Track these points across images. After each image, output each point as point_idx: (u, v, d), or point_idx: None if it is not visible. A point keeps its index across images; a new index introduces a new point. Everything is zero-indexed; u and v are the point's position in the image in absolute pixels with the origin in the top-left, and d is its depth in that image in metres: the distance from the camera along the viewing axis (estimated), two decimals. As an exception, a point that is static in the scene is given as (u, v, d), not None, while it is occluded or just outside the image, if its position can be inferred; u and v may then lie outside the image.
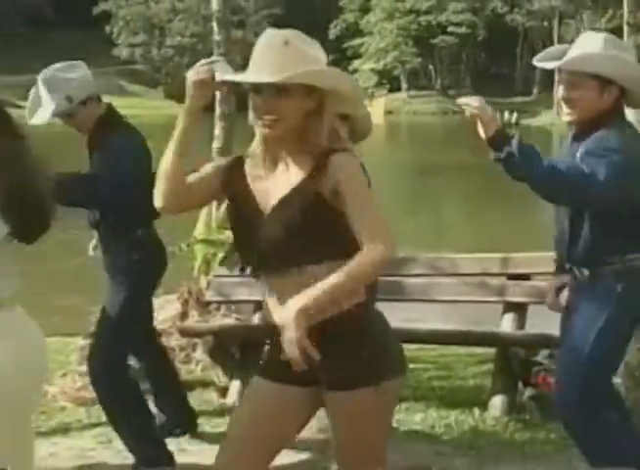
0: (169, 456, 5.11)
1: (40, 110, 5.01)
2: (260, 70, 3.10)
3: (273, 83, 3.06)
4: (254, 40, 3.23)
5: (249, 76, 3.11)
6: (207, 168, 3.32)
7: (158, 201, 3.26)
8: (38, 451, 5.28)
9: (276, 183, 3.19)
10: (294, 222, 3.12)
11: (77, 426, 5.83)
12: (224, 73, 3.14)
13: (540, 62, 4.39)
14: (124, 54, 71.83)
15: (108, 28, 72.54)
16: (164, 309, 7.50)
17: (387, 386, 3.22)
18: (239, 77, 3.13)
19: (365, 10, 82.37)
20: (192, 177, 3.26)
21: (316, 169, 3.13)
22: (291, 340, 2.99)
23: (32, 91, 5.08)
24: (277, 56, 3.10)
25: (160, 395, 5.59)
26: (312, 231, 3.12)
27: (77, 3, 69.74)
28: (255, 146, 3.24)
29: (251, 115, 3.17)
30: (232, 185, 3.26)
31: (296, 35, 3.15)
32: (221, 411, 6.08)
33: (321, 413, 3.29)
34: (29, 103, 5.07)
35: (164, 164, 3.22)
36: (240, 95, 7.93)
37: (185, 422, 5.62)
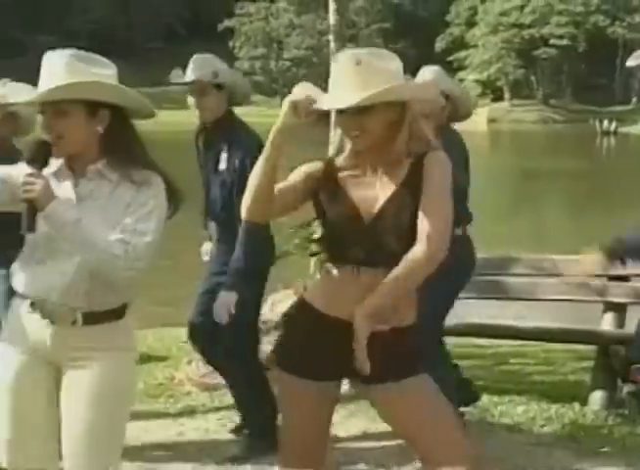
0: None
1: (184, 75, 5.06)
2: (340, 92, 3.04)
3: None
4: None
5: (333, 103, 3.05)
6: (294, 178, 3.23)
7: (244, 212, 3.18)
8: (167, 431, 5.41)
9: (373, 189, 3.14)
10: (396, 225, 3.08)
11: (202, 409, 5.88)
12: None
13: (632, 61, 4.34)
14: (245, 66, 72.56)
15: (231, 43, 73.48)
16: (282, 303, 7.57)
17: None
18: (325, 105, 3.05)
19: (470, 24, 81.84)
20: (276, 188, 3.16)
21: (411, 174, 3.10)
22: (361, 347, 3.00)
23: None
24: (353, 77, 3.04)
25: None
26: (398, 233, 3.09)
27: (205, 20, 70.82)
28: (347, 154, 3.19)
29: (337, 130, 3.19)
30: (325, 190, 3.19)
31: (368, 54, 3.09)
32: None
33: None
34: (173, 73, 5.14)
35: (255, 179, 3.11)
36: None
37: None
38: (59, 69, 3.13)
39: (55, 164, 3.18)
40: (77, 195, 3.15)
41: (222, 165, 4.98)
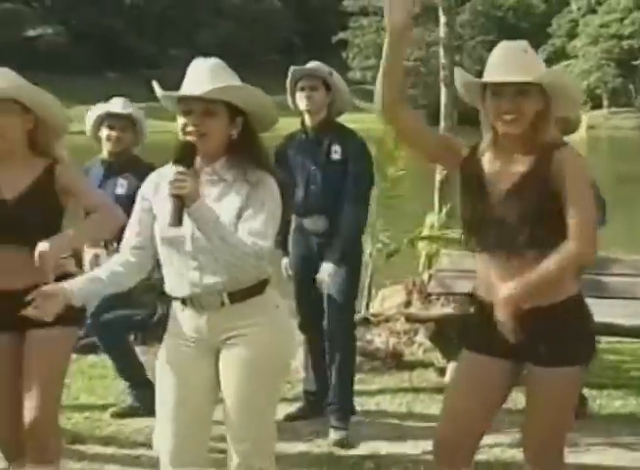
0: None
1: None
2: (504, 71, 3.10)
3: (519, 84, 3.08)
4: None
5: (504, 78, 3.11)
6: (454, 140, 3.34)
7: (377, 102, 3.26)
8: (281, 415, 5.43)
9: (508, 173, 3.16)
10: (524, 209, 3.09)
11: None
12: None
13: None
14: (357, 76, 72.50)
15: (344, 54, 73.63)
16: (391, 298, 7.54)
17: (583, 370, 3.19)
18: (492, 79, 3.13)
19: (571, 36, 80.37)
20: (434, 130, 3.24)
21: (543, 161, 3.11)
22: (505, 318, 3.01)
23: None
24: (519, 60, 3.13)
25: None
26: (537, 218, 3.09)
27: (320, 33, 71.12)
28: (488, 141, 3.21)
29: (484, 120, 3.20)
30: (468, 168, 3.24)
31: (529, 46, 3.21)
32: (440, 389, 6.03)
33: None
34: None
35: (380, 72, 3.30)
36: (461, 111, 7.87)
37: None
38: (208, 72, 3.20)
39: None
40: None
41: (336, 156, 5.13)
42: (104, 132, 5.50)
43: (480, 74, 3.25)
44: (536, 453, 3.24)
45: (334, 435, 5.12)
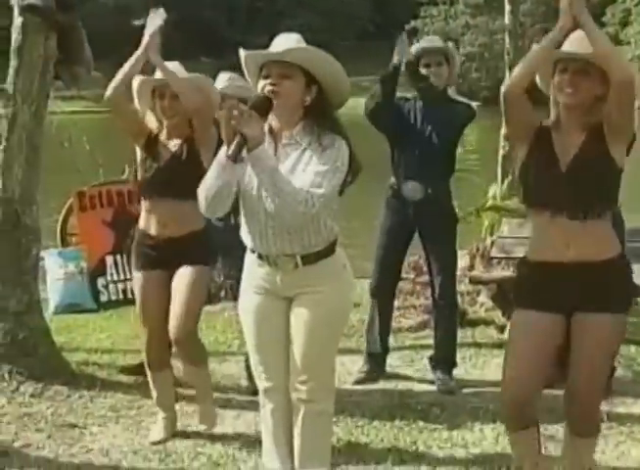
0: None
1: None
2: (572, 47, 3.13)
3: (581, 62, 3.10)
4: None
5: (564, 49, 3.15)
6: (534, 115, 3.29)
7: (512, 80, 3.21)
8: (349, 382, 5.41)
9: (572, 143, 3.18)
10: (587, 176, 3.13)
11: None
12: None
13: None
14: (427, 60, 71.94)
15: (415, 41, 73.04)
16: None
17: (625, 319, 3.23)
18: (565, 49, 3.15)
19: (624, 23, 78.50)
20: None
21: (594, 133, 3.15)
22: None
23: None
24: (586, 41, 3.10)
25: None
26: (599, 185, 3.15)
27: (393, 21, 70.63)
28: (553, 116, 3.26)
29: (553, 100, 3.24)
30: (538, 138, 3.25)
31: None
32: (500, 344, 5.98)
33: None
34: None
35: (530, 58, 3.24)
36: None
37: None
38: (290, 40, 3.20)
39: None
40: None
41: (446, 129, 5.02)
42: None
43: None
44: (579, 395, 3.22)
45: (443, 386, 5.08)
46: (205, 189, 3.13)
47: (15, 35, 5.04)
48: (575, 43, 3.14)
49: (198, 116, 4.14)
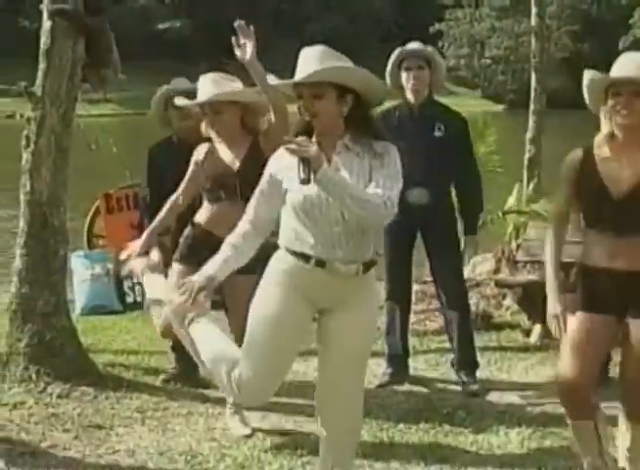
0: None
1: None
2: (625, 71, 3.31)
3: (637, 83, 3.28)
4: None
5: (616, 73, 3.35)
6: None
7: None
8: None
9: (626, 172, 3.38)
10: None
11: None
12: None
13: None
14: (451, 63, 71.73)
15: (440, 43, 72.94)
16: (481, 265, 7.48)
17: None
18: (616, 74, 3.34)
19: (652, 25, 77.93)
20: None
21: None
22: None
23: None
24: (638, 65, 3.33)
25: None
26: None
27: (418, 24, 70.64)
28: (603, 135, 3.45)
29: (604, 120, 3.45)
30: (585, 169, 3.45)
31: None
32: (525, 348, 6.00)
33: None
34: None
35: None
36: (548, 96, 7.69)
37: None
38: (314, 58, 3.22)
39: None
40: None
41: (439, 133, 5.06)
42: None
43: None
44: (634, 390, 3.45)
45: (467, 389, 5.09)
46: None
47: (43, 39, 5.08)
48: (626, 68, 3.32)
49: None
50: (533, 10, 8.22)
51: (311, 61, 3.20)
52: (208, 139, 4.43)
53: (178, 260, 4.44)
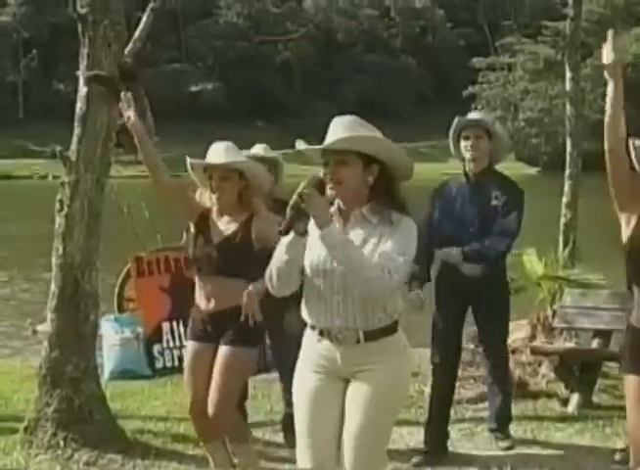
0: None
1: None
2: None
3: None
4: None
5: None
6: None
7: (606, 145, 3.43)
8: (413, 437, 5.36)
9: None
10: None
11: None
12: None
13: None
14: (485, 126, 72.04)
15: (473, 105, 73.40)
16: (517, 331, 7.38)
17: None
18: None
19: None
20: None
21: None
22: None
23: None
24: None
25: None
26: None
27: (451, 86, 71.26)
28: None
29: None
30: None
31: None
32: (563, 418, 5.91)
33: None
34: None
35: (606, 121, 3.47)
36: (584, 159, 7.71)
37: None
38: (342, 126, 3.27)
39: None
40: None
41: (494, 202, 5.08)
42: None
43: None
44: None
45: (502, 444, 5.26)
46: (272, 267, 3.27)
47: (79, 104, 5.20)
48: None
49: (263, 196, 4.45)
50: (568, 75, 8.19)
51: (340, 129, 3.25)
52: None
53: (188, 338, 4.54)
